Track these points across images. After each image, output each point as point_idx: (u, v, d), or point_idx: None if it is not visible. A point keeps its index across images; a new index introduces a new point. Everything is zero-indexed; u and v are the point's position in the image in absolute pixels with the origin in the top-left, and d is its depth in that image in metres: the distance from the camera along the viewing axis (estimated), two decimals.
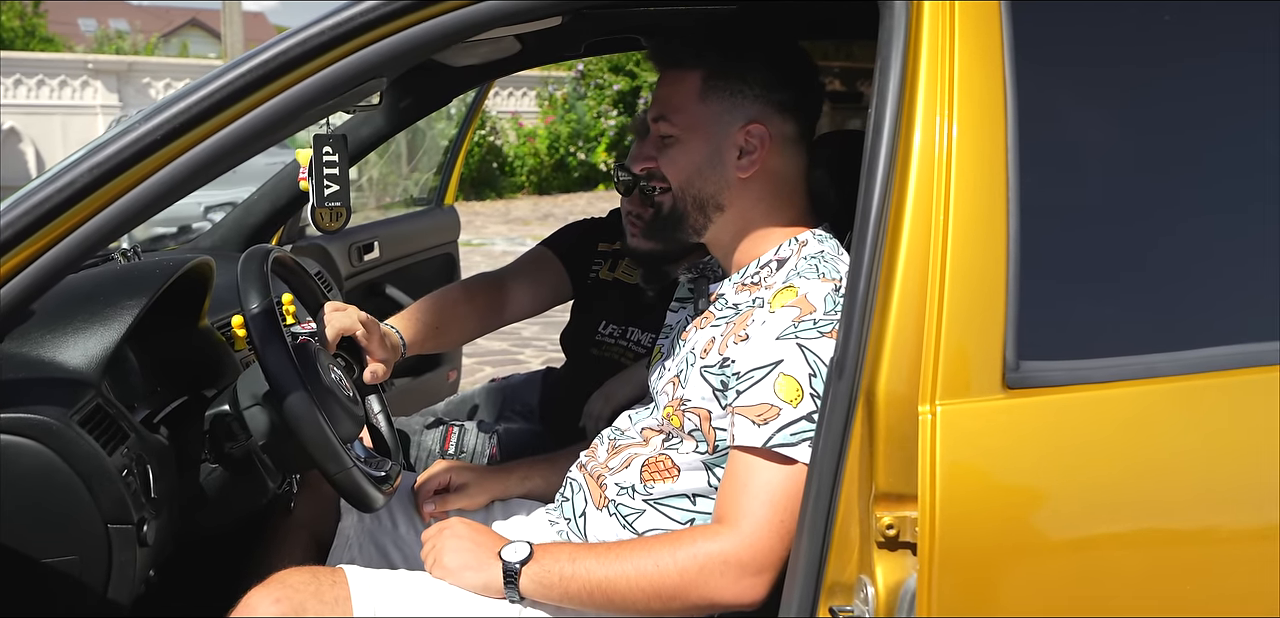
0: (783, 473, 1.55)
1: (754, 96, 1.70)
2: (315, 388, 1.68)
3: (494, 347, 6.64)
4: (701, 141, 1.72)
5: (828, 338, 1.56)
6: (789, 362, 1.57)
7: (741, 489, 1.58)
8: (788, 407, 1.55)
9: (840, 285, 1.61)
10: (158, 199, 1.38)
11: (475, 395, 2.87)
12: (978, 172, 1.37)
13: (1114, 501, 1.35)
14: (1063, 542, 1.37)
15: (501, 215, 13.71)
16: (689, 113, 1.71)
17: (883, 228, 1.39)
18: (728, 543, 1.55)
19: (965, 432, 1.34)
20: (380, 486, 1.74)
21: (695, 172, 1.72)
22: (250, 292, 1.68)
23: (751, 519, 1.55)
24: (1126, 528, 1.36)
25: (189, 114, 1.38)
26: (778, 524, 1.54)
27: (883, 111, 1.40)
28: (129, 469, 1.54)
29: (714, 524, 1.61)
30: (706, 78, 1.71)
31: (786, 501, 1.54)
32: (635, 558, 1.59)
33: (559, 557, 1.62)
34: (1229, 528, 1.40)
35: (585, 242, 2.61)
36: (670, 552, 1.57)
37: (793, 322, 1.59)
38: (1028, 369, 1.35)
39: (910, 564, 1.36)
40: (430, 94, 2.81)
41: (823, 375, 1.54)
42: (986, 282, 1.36)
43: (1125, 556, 1.36)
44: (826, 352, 1.55)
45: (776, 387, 1.56)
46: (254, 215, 2.90)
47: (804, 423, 1.54)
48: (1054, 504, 1.36)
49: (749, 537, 1.55)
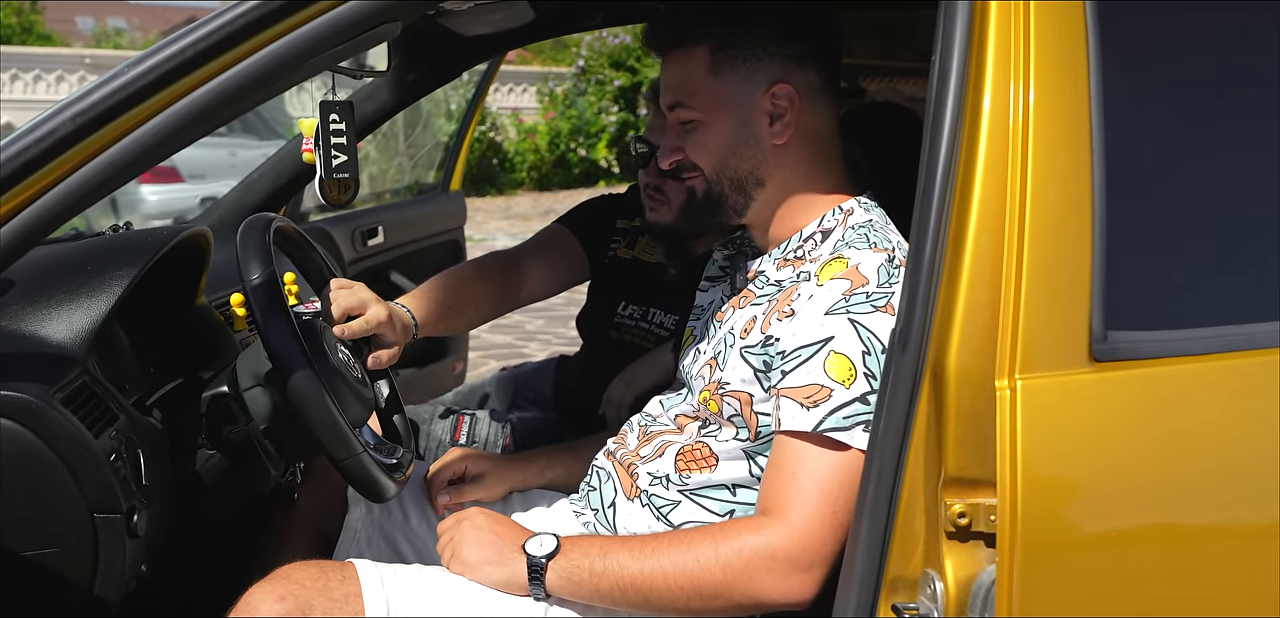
0: (835, 459, 1.43)
1: (770, 56, 1.58)
2: (322, 367, 1.55)
3: (497, 340, 6.52)
4: (727, 118, 1.59)
5: (883, 313, 1.44)
6: (840, 338, 1.44)
7: (789, 478, 1.45)
8: (840, 387, 1.42)
9: (894, 256, 1.49)
10: (148, 152, 1.25)
11: (486, 384, 2.75)
12: (1058, 124, 1.25)
13: (1215, 485, 1.23)
14: (1159, 530, 1.24)
15: (502, 211, 13.61)
16: (706, 92, 1.59)
17: (950, 186, 1.26)
18: (775, 536, 1.43)
19: (1049, 409, 1.22)
20: (392, 474, 1.61)
21: (727, 151, 1.60)
22: (251, 262, 1.55)
23: (801, 510, 1.42)
24: (1229, 516, 1.24)
25: (184, 58, 1.25)
26: (830, 516, 1.42)
27: (949, 59, 1.27)
28: (117, 454, 1.41)
29: (759, 516, 1.48)
30: (715, 50, 1.58)
31: (839, 490, 1.42)
32: (673, 553, 1.46)
33: (589, 551, 1.49)
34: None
35: (603, 219, 2.49)
36: (712, 546, 1.44)
37: (843, 295, 1.46)
38: (1116, 340, 1.24)
39: (984, 557, 1.25)
40: (439, 66, 2.69)
41: (878, 353, 1.42)
42: (1070, 245, 1.24)
43: (1230, 547, 1.23)
44: (881, 327, 1.43)
45: (827, 366, 1.44)
46: (254, 194, 2.77)
47: (857, 405, 1.42)
48: (1149, 488, 1.24)
49: (799, 529, 1.42)
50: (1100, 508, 1.23)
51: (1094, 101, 1.25)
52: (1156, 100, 1.32)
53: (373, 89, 2.69)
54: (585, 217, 2.46)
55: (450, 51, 2.63)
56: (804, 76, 1.59)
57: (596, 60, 15.94)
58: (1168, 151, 1.31)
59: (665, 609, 1.46)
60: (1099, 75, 1.25)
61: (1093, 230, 1.24)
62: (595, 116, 16.01)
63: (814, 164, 1.62)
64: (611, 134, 15.97)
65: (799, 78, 1.58)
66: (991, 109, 1.25)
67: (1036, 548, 1.20)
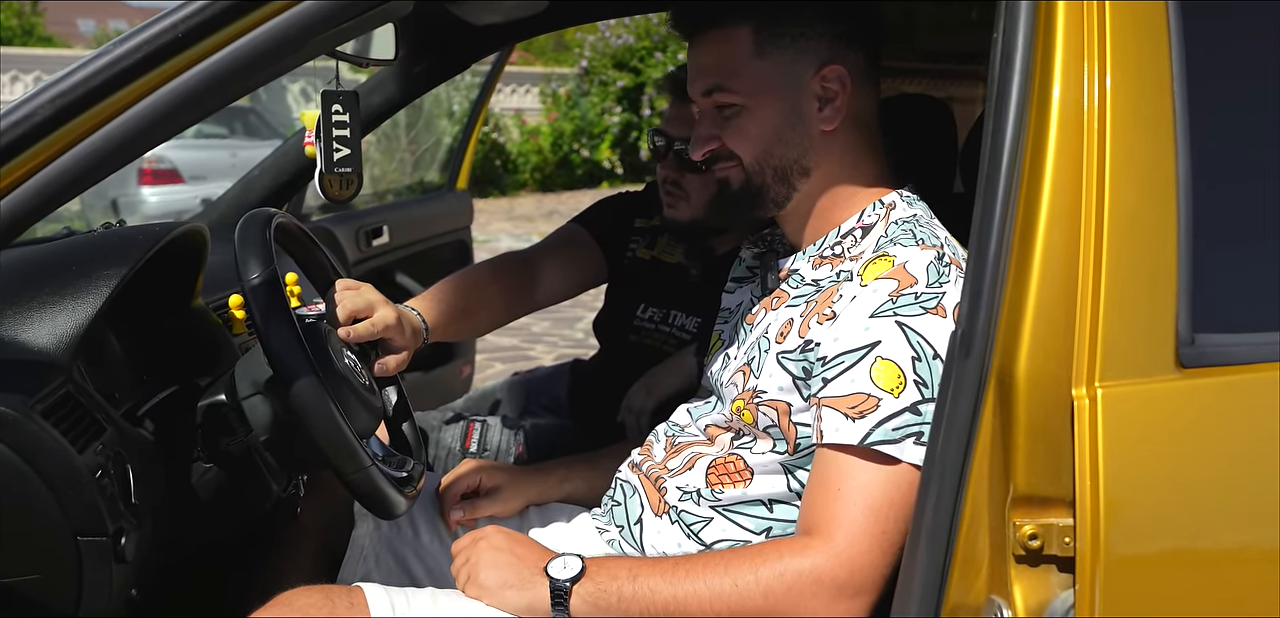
0: (884, 475, 1.32)
1: (819, 36, 1.46)
2: (327, 374, 1.43)
3: (503, 343, 6.40)
4: (774, 103, 1.47)
5: (934, 315, 1.33)
6: (887, 343, 1.33)
7: (834, 495, 1.34)
8: (888, 397, 1.31)
9: (943, 253, 1.38)
10: (136, 137, 1.13)
11: (497, 390, 2.64)
12: (1137, 112, 1.14)
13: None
14: (1253, 550, 1.13)
15: (506, 213, 13.51)
16: (750, 74, 1.46)
17: (1016, 177, 1.15)
18: (821, 559, 1.31)
19: (1133, 420, 1.12)
20: (402, 488, 1.49)
21: (773, 139, 1.48)
22: (250, 260, 1.43)
23: (848, 531, 1.31)
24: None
25: (175, 35, 1.13)
26: (879, 536, 1.31)
27: (1012, 41, 1.15)
28: (104, 470, 1.29)
29: (802, 536, 1.37)
30: (759, 30, 1.46)
31: (889, 508, 1.31)
32: (710, 576, 1.34)
33: (617, 574, 1.37)
34: None
35: (621, 218, 2.37)
36: (751, 569, 1.33)
37: (890, 296, 1.35)
38: (1205, 344, 1.14)
39: (1056, 582, 1.15)
40: (447, 58, 2.58)
41: (929, 359, 1.32)
42: (1153, 241, 1.15)
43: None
44: (933, 331, 1.32)
45: (873, 373, 1.33)
46: (254, 191, 2.66)
47: (908, 416, 1.31)
48: (1243, 505, 1.14)
49: (846, 552, 1.31)
50: (1189, 528, 1.13)
51: (1177, 87, 1.14)
52: (1246, 86, 1.21)
53: (378, 82, 2.58)
54: (602, 215, 2.35)
55: (459, 42, 2.52)
56: (853, 57, 1.47)
57: (600, 61, 15.85)
58: (1259, 141, 1.20)
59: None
60: (1181, 60, 1.14)
61: (1177, 226, 1.13)
62: (598, 117, 15.93)
63: (860, 153, 1.51)
64: (615, 135, 15.89)
65: (849, 59, 1.46)
66: (1062, 96, 1.15)
67: (1119, 573, 1.10)
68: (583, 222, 2.33)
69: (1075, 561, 1.11)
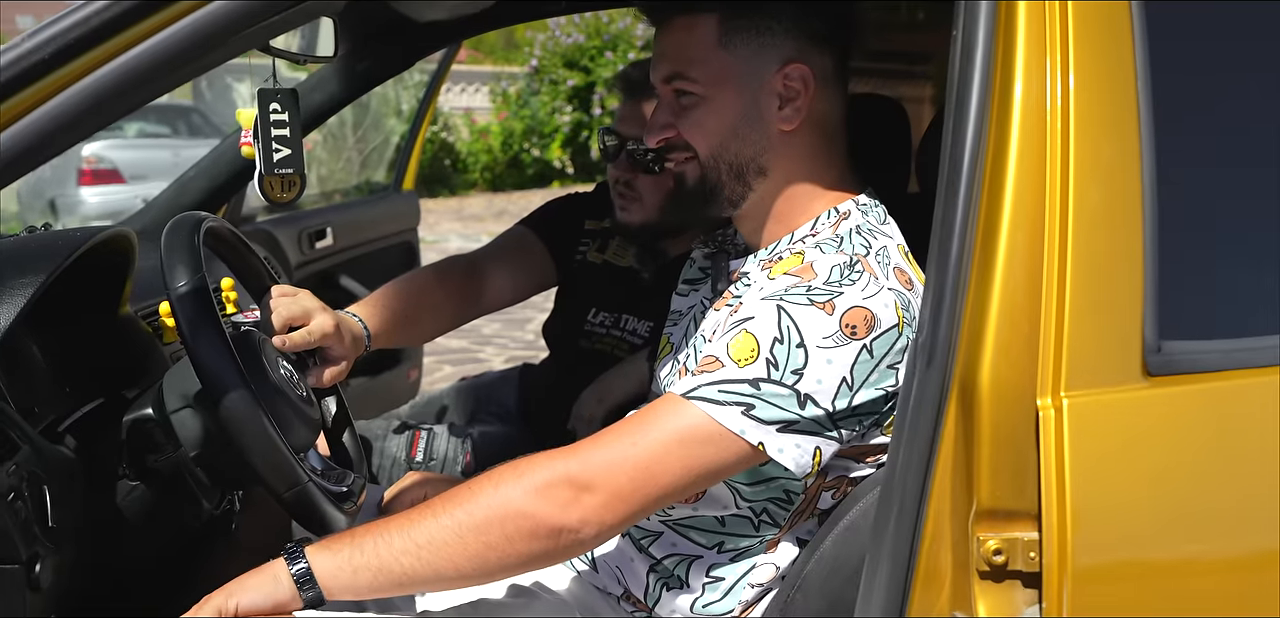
0: (685, 417, 1.26)
1: (785, 32, 1.41)
2: (260, 386, 1.36)
3: (452, 345, 6.30)
4: (733, 96, 1.41)
5: (818, 309, 1.27)
6: (758, 320, 1.29)
7: (618, 428, 1.28)
8: (732, 364, 1.27)
9: (855, 260, 1.32)
10: (49, 136, 1.05)
11: (444, 396, 2.56)
12: (1103, 111, 1.11)
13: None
14: (1224, 561, 1.10)
15: (455, 213, 13.37)
16: (711, 64, 1.41)
17: (977, 179, 1.11)
18: (558, 462, 1.25)
19: (1100, 430, 1.08)
20: (342, 503, 1.42)
21: (729, 133, 1.42)
22: (177, 267, 1.35)
23: (601, 444, 1.26)
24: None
25: (88, 28, 1.05)
26: (629, 448, 1.25)
27: (972, 39, 1.11)
28: (17, 493, 1.21)
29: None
30: (725, 20, 1.41)
31: (666, 441, 1.25)
32: (451, 508, 1.25)
33: (342, 541, 1.28)
34: None
35: (570, 220, 2.31)
36: (491, 485, 1.25)
37: (785, 287, 1.31)
38: (1172, 351, 1.11)
39: (1022, 598, 1.11)
40: (391, 55, 2.49)
41: (791, 345, 1.26)
42: (1119, 245, 1.11)
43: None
44: (809, 322, 1.27)
45: (731, 344, 1.29)
46: (189, 194, 2.55)
47: (744, 386, 1.26)
48: (1212, 515, 1.10)
49: (586, 451, 1.25)
50: (1158, 539, 1.09)
51: (1142, 88, 1.10)
52: (1213, 87, 1.17)
53: (319, 79, 2.50)
54: (550, 218, 2.28)
55: (403, 39, 2.44)
56: (819, 59, 1.42)
57: (550, 60, 15.75)
58: (1227, 143, 1.17)
59: (448, 569, 1.25)
60: (1146, 60, 1.10)
61: (1144, 229, 1.09)
62: (549, 117, 15.83)
63: (819, 157, 1.45)
64: (565, 134, 15.80)
65: (815, 59, 1.41)
66: (1024, 95, 1.11)
67: (1087, 586, 1.06)
68: (531, 224, 2.27)
69: (1041, 575, 1.07)
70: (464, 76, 16.96)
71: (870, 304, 1.27)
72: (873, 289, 1.29)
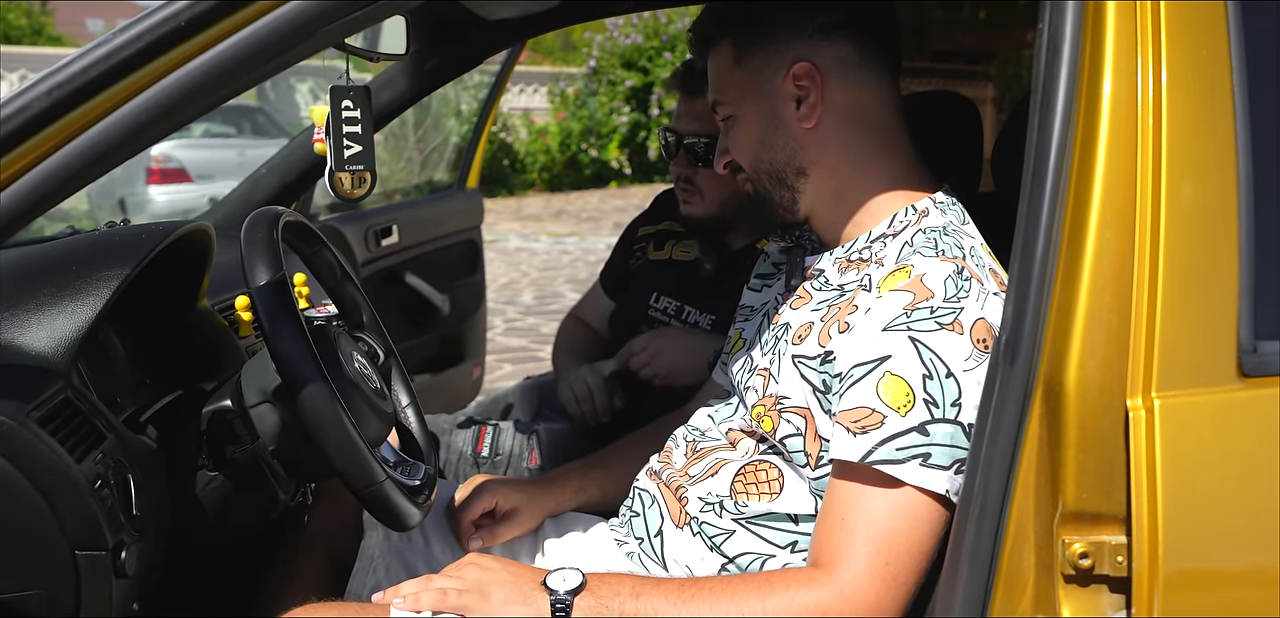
0: (887, 501, 1.27)
1: (790, 36, 1.44)
2: (337, 381, 1.37)
3: (511, 344, 6.34)
4: (753, 109, 1.48)
5: (949, 331, 1.27)
6: (898, 358, 1.28)
7: (839, 524, 1.29)
8: (893, 414, 1.26)
9: (963, 266, 1.32)
10: (136, 132, 1.07)
11: (509, 393, 2.58)
12: (1196, 108, 1.09)
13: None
14: None
15: (514, 212, 13.43)
16: (734, 84, 1.50)
17: (1064, 176, 1.09)
18: (826, 594, 1.27)
19: (1193, 432, 1.05)
20: (415, 498, 1.43)
21: (759, 144, 1.48)
22: (257, 261, 1.37)
23: (850, 565, 1.27)
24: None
25: (176, 24, 1.07)
26: (882, 569, 1.26)
27: (1059, 36, 1.10)
28: (104, 480, 1.23)
29: (810, 567, 1.32)
30: (737, 40, 1.49)
31: (893, 539, 1.26)
32: (716, 601, 1.29)
33: (619, 589, 1.32)
34: None
35: (625, 244, 2.48)
36: (758, 598, 1.28)
37: (904, 309, 1.29)
38: (1268, 352, 1.08)
39: (1108, 603, 1.09)
40: (459, 54, 2.51)
41: (940, 378, 1.26)
42: (1213, 243, 1.09)
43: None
44: (947, 348, 1.27)
45: (880, 389, 1.28)
46: (261, 190, 2.59)
47: (914, 435, 1.25)
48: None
49: (848, 587, 1.26)
50: (1252, 545, 1.06)
51: (1237, 85, 1.08)
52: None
53: (388, 78, 2.52)
54: (613, 265, 2.49)
55: (471, 38, 2.46)
56: (831, 50, 1.43)
57: (608, 60, 15.77)
58: None
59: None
60: (1242, 58, 1.08)
61: (1239, 227, 1.06)
62: (607, 117, 15.85)
63: (863, 147, 1.45)
64: (623, 135, 15.81)
65: (823, 53, 1.43)
66: (1114, 92, 1.09)
67: (1177, 593, 1.04)
68: (603, 281, 2.49)
69: (1130, 581, 1.05)
70: (522, 77, 17.03)
71: (987, 314, 1.28)
72: (983, 296, 1.29)
